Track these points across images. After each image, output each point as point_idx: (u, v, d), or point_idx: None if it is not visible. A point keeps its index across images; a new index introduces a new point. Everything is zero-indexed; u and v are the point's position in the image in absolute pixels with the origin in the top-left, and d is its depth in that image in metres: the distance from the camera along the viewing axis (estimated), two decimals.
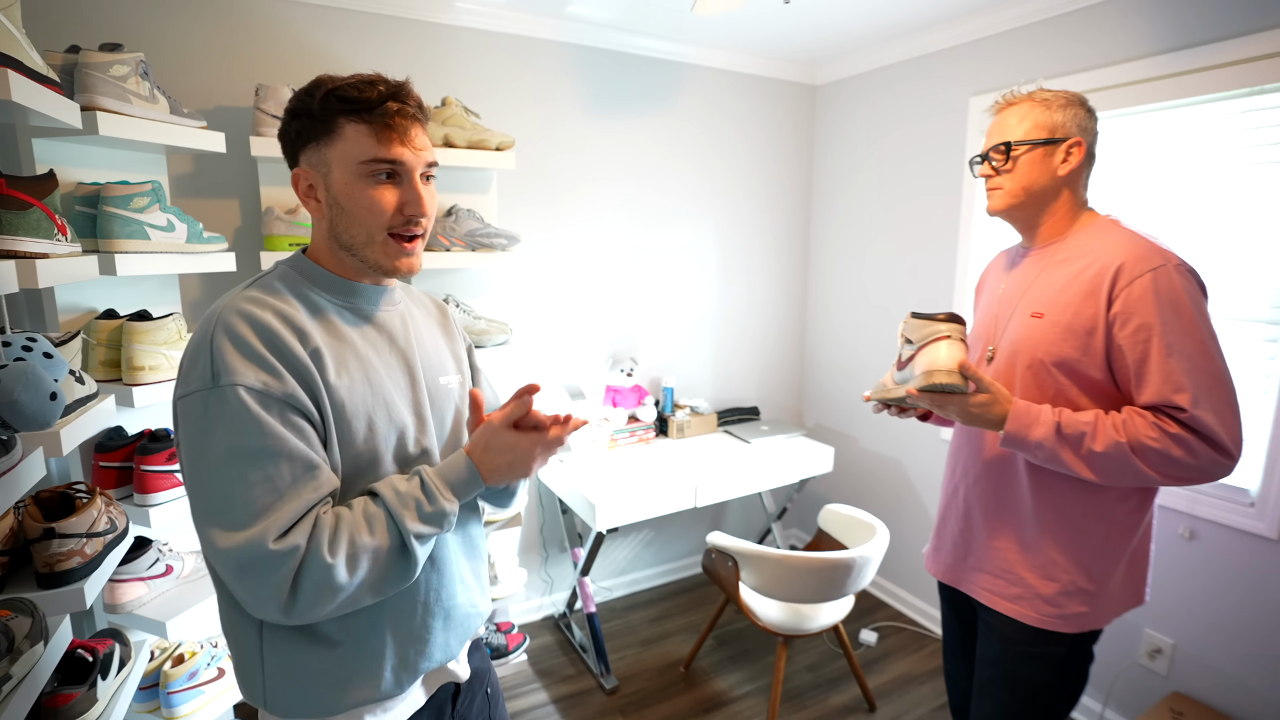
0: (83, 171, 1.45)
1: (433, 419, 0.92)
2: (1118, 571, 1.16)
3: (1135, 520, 1.15)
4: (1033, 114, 1.15)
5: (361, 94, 0.78)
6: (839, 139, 2.83)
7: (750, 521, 3.12)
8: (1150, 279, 1.03)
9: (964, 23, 2.20)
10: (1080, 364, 1.10)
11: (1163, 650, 1.88)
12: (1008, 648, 1.21)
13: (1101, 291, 1.07)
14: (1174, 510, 1.82)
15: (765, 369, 3.05)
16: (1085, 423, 1.05)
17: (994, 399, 1.08)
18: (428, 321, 1.01)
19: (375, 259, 0.83)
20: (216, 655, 1.66)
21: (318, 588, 0.72)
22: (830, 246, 2.94)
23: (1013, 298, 1.22)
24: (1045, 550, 1.16)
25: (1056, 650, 1.17)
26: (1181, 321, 1.02)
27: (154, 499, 1.48)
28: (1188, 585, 1.82)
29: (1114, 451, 1.03)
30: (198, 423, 0.73)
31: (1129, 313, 1.04)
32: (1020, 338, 1.17)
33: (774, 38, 2.44)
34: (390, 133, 0.79)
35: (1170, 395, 1.01)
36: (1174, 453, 1.01)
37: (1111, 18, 1.85)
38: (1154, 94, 1.77)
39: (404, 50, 2.06)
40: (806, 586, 1.85)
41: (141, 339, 1.41)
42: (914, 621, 2.63)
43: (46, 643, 1.01)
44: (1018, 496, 1.18)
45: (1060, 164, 1.14)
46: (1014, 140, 1.15)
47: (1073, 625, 1.15)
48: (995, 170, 1.18)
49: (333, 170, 0.80)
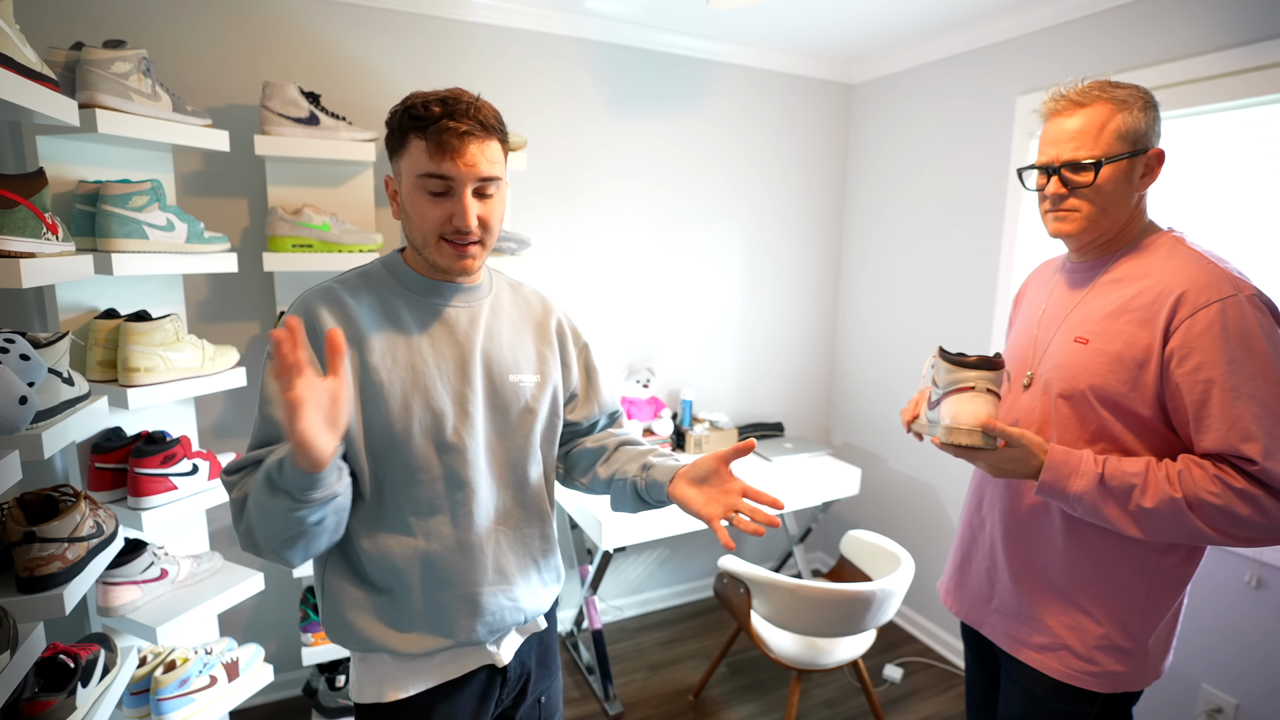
0: (88, 170, 1.48)
1: (492, 413, 1.00)
2: (1159, 629, 1.06)
3: (1182, 574, 1.05)
4: (1115, 120, 1.00)
5: (426, 111, 0.87)
6: (875, 141, 2.74)
7: (771, 543, 3.04)
8: (1217, 311, 0.92)
9: (1010, 16, 2.10)
10: (1127, 399, 1.00)
11: (1224, 710, 1.74)
12: (1032, 703, 1.12)
13: (1159, 321, 0.96)
14: (1239, 555, 1.69)
15: (791, 383, 2.97)
16: (1134, 474, 0.95)
17: (1027, 453, 0.99)
18: (519, 320, 1.08)
19: (434, 259, 0.94)
20: (209, 663, 1.66)
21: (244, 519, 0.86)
22: (865, 254, 2.85)
23: (1055, 319, 1.13)
24: (1078, 600, 1.07)
25: (1087, 710, 1.08)
26: (1254, 361, 0.91)
27: (147, 502, 1.49)
28: (1254, 638, 1.68)
29: (1167, 508, 0.93)
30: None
31: (1189, 348, 0.94)
32: (1061, 364, 1.07)
33: (806, 33, 2.38)
34: (443, 150, 0.86)
35: (1238, 445, 0.91)
36: (1239, 510, 0.91)
37: (1173, 9, 1.73)
38: (1220, 92, 1.65)
39: (418, 47, 2.06)
40: (821, 619, 1.77)
41: (137, 340, 1.42)
42: (943, 658, 2.51)
43: (14, 651, 1.01)
44: (1048, 538, 1.09)
45: (1140, 178, 1.02)
46: (1101, 155, 1.00)
47: (1107, 685, 1.05)
48: (1068, 189, 1.03)
49: (403, 180, 0.92)
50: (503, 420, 1.01)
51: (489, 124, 0.90)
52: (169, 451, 1.52)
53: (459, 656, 1.00)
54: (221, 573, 1.72)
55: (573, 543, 2.54)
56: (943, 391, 1.04)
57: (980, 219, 2.30)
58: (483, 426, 0.98)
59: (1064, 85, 1.06)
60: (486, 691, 1.04)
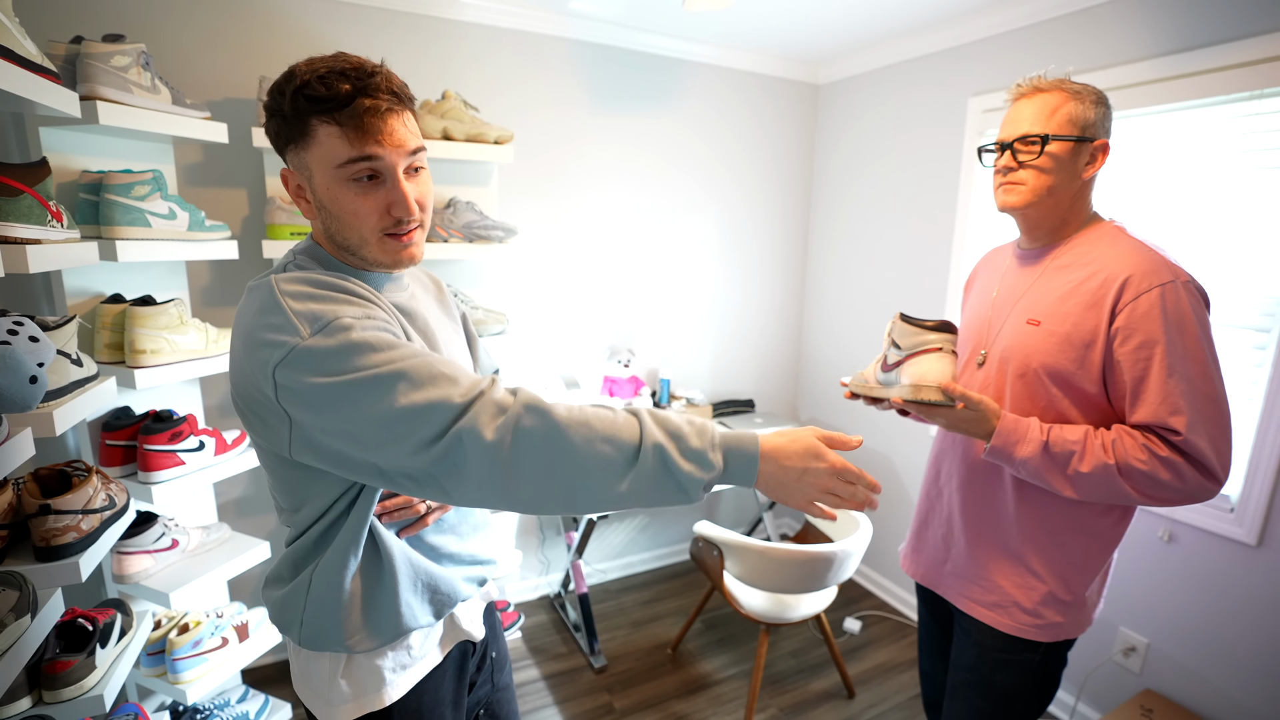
0: (90, 160, 1.44)
1: None
2: (1094, 582, 1.11)
3: (1115, 534, 1.10)
4: (1066, 107, 1.02)
5: (329, 91, 0.69)
6: (840, 138, 2.75)
7: (743, 510, 3.09)
8: (1159, 295, 0.96)
9: (965, 23, 2.11)
10: (1075, 376, 1.03)
11: (1136, 649, 1.83)
12: (984, 654, 1.17)
13: (1105, 304, 0.99)
14: (1153, 514, 1.76)
15: (761, 362, 3.00)
16: (1073, 442, 0.99)
17: (982, 415, 1.02)
18: (427, 299, 0.98)
19: (375, 258, 0.79)
20: (220, 625, 1.66)
21: (524, 438, 0.67)
22: (829, 243, 2.88)
23: (1007, 302, 1.15)
24: (1026, 560, 1.11)
25: (1031, 658, 1.13)
26: (1186, 342, 0.95)
27: (156, 477, 1.48)
28: (1164, 587, 1.76)
29: (1100, 473, 0.97)
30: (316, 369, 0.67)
31: (1132, 328, 0.97)
32: (1014, 344, 1.10)
33: (777, 36, 2.37)
34: (363, 132, 0.71)
35: (1166, 417, 0.95)
36: (1161, 476, 0.95)
37: (1113, 19, 1.76)
38: (1153, 97, 1.69)
39: (408, 44, 2.03)
40: (788, 578, 1.82)
41: (143, 323, 1.40)
42: (897, 611, 2.60)
43: (34, 615, 1.00)
44: (1002, 505, 1.13)
45: (1085, 166, 1.05)
46: (1050, 132, 1.02)
47: (1049, 634, 1.11)
48: (1019, 163, 1.05)
49: (314, 174, 0.74)
50: None
51: (403, 94, 0.75)
52: (176, 429, 1.50)
53: (439, 640, 0.93)
54: (230, 542, 1.71)
55: None
56: (906, 353, 1.04)
57: (934, 211, 2.34)
58: None
59: (1031, 76, 1.08)
60: (462, 666, 0.97)
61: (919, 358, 1.02)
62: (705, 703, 2.08)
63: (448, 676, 0.93)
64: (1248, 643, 1.61)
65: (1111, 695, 1.90)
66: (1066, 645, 1.14)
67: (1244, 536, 1.59)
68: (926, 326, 1.02)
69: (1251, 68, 1.51)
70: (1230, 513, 1.61)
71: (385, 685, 0.85)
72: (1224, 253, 1.62)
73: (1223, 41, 1.55)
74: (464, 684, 0.97)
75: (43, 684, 1.19)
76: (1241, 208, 1.59)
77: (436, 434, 0.66)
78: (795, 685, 2.16)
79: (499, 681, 1.08)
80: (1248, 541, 1.58)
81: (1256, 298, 1.57)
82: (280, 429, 0.73)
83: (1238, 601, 1.63)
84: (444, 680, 0.93)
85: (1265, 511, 1.56)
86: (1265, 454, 1.54)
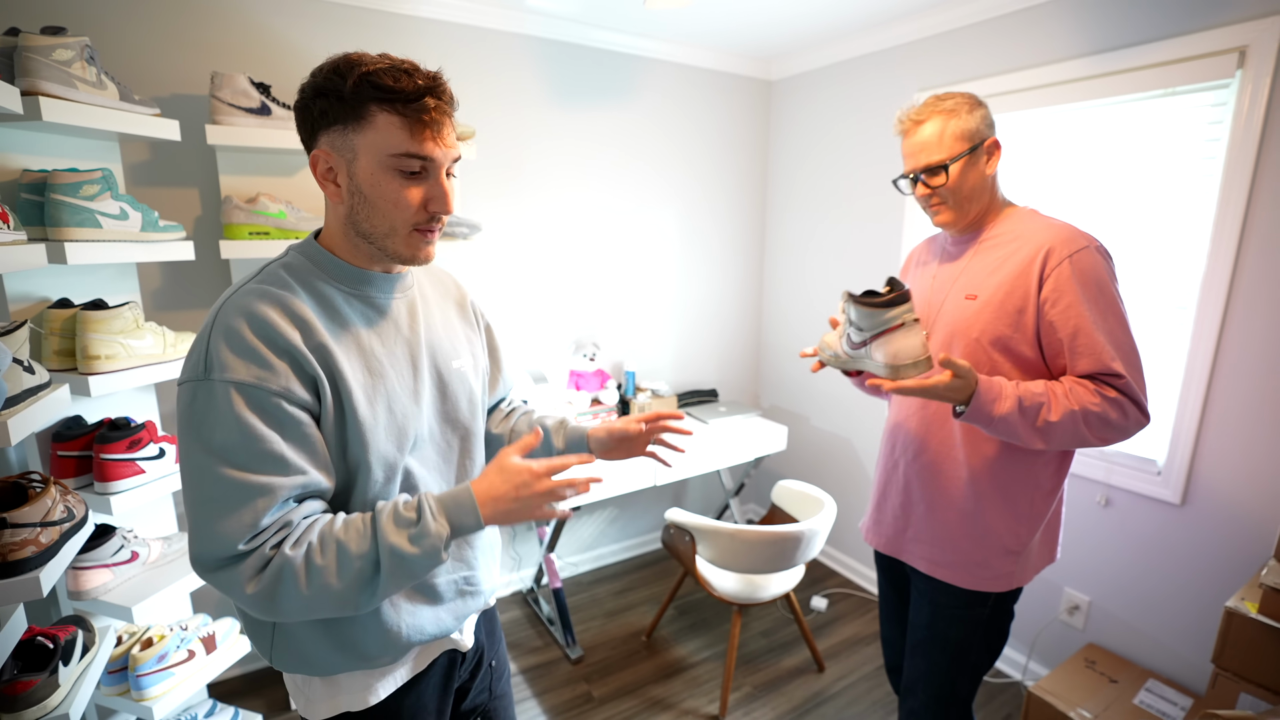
0: (29, 159, 1.37)
1: (441, 404, 0.89)
2: (1039, 532, 1.21)
3: (1056, 483, 1.20)
4: (948, 126, 1.14)
5: (399, 84, 0.72)
6: (792, 132, 2.83)
7: (710, 498, 3.16)
8: (1079, 258, 1.08)
9: (910, 21, 2.21)
10: (1013, 340, 1.13)
11: (1080, 607, 1.97)
12: (938, 611, 1.26)
13: (1033, 272, 1.10)
14: (1092, 480, 1.90)
15: (723, 353, 3.07)
16: (1039, 394, 1.07)
17: (965, 383, 1.04)
18: (443, 303, 0.97)
19: (395, 249, 0.80)
20: (186, 638, 1.62)
21: (281, 589, 0.70)
22: (784, 235, 2.96)
23: (946, 283, 1.25)
24: (982, 517, 1.19)
25: (982, 612, 1.22)
26: (1104, 298, 1.07)
27: (115, 487, 1.42)
28: (1103, 548, 1.90)
29: (1066, 420, 1.05)
30: (184, 412, 0.72)
31: (1060, 291, 1.07)
32: (956, 319, 1.19)
33: (730, 34, 2.43)
34: (425, 128, 0.74)
35: (1109, 363, 1.06)
36: (1111, 416, 1.05)
37: (1047, 20, 1.88)
38: (1083, 93, 1.81)
39: (363, 40, 1.99)
40: (758, 558, 1.88)
41: (97, 328, 1.35)
42: (861, 588, 2.71)
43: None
44: (955, 470, 1.21)
45: (986, 165, 1.17)
46: (945, 159, 1.14)
47: (1000, 584, 1.20)
48: (933, 189, 1.18)
49: (359, 158, 0.75)
50: (452, 410, 0.91)
51: (454, 102, 0.80)
52: (135, 436, 1.45)
53: (423, 650, 0.92)
54: None
55: None
56: (870, 334, 1.05)
57: (883, 203, 2.44)
58: (433, 421, 0.88)
59: (903, 109, 1.20)
60: (448, 675, 0.96)
61: (886, 337, 1.03)
62: (682, 685, 2.13)
63: (432, 684, 0.93)
64: (1176, 594, 1.76)
65: (1058, 651, 2.04)
66: (1013, 597, 1.24)
67: (1170, 497, 1.73)
68: (882, 304, 1.02)
69: (1167, 67, 1.64)
70: (1157, 475, 1.76)
71: (365, 689, 0.86)
72: (1146, 236, 1.76)
73: (1143, 43, 1.68)
74: (449, 692, 0.97)
75: (2, 707, 1.14)
76: (1161, 195, 1.72)
77: (214, 563, 0.71)
78: (767, 663, 2.23)
79: (497, 690, 1.08)
80: (1173, 501, 1.73)
81: (1175, 278, 1.71)
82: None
83: (1166, 557, 1.77)
84: (428, 687, 0.92)
85: (1187, 473, 1.70)
86: (1186, 421, 1.68)
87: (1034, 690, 1.78)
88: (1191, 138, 1.65)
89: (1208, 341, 1.63)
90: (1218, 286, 1.60)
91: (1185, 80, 1.61)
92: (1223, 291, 1.59)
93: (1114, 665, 1.85)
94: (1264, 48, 1.48)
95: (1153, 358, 1.76)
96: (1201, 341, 1.64)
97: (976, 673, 1.27)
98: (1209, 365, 1.63)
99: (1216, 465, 1.65)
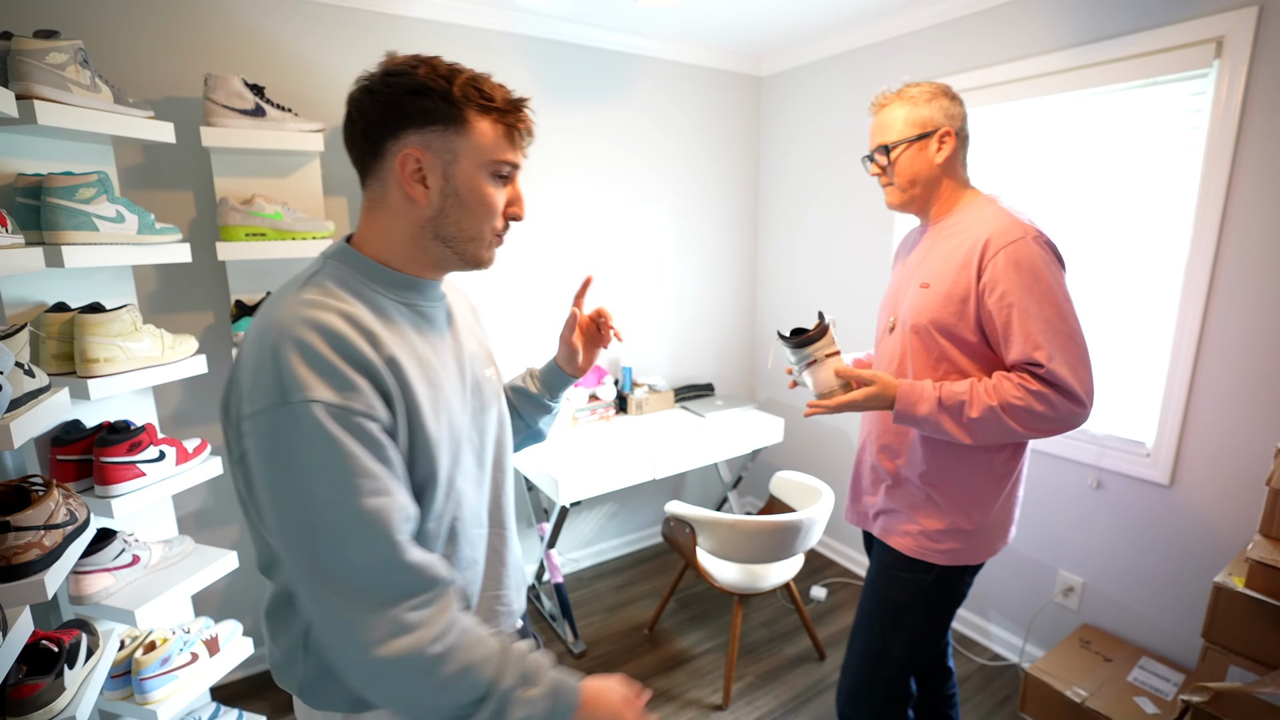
0: (23, 162, 1.37)
1: (475, 414, 0.85)
2: (992, 514, 1.24)
3: (1009, 469, 1.23)
4: (902, 112, 1.20)
5: (496, 93, 0.76)
6: (783, 127, 2.85)
7: (708, 491, 3.18)
8: (1012, 250, 1.11)
9: (897, 16, 2.24)
10: (957, 328, 1.17)
11: (1074, 588, 2.00)
12: (883, 571, 1.32)
13: (973, 263, 1.14)
14: (1083, 463, 1.93)
15: (719, 347, 3.09)
16: (961, 393, 1.12)
17: (880, 390, 1.16)
18: (463, 309, 0.95)
19: (475, 254, 0.79)
20: (189, 640, 1.61)
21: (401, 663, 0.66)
22: (777, 229, 2.98)
23: (910, 273, 1.29)
24: (935, 498, 1.24)
25: (924, 578, 1.27)
26: (1039, 287, 1.09)
27: (115, 490, 1.42)
28: (1095, 530, 1.94)
29: (989, 415, 1.10)
30: (268, 449, 0.65)
31: (995, 281, 1.11)
32: (912, 307, 1.24)
33: (720, 30, 2.44)
34: (518, 138, 0.78)
35: (1030, 353, 1.09)
36: (1036, 408, 1.08)
37: (1032, 13, 1.91)
38: (1065, 84, 1.84)
39: (355, 40, 1.99)
40: (759, 548, 1.90)
41: (95, 331, 1.34)
42: (859, 577, 2.73)
43: (5, 634, 0.96)
44: (912, 454, 1.27)
45: (936, 153, 1.21)
46: (890, 141, 1.21)
47: (946, 559, 1.24)
48: (882, 170, 1.25)
49: (459, 161, 0.73)
50: (486, 420, 0.87)
51: None
52: (135, 439, 1.45)
53: None
54: (194, 555, 1.66)
55: (529, 504, 2.58)
56: (802, 367, 1.21)
57: (875, 195, 2.46)
58: (472, 431, 0.84)
59: (876, 94, 1.26)
60: None
61: (811, 368, 1.19)
62: (685, 677, 2.14)
63: None
64: (1166, 572, 1.80)
65: (1054, 632, 2.08)
66: (961, 572, 1.27)
67: (1159, 478, 1.77)
68: (800, 343, 1.18)
69: (1147, 58, 1.67)
70: (1147, 457, 1.79)
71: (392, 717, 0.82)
72: (1131, 223, 1.79)
73: (1124, 34, 1.71)
74: None
75: (9, 711, 1.14)
76: (1145, 182, 1.75)
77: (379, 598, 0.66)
78: (769, 653, 2.25)
79: None
80: (1162, 482, 1.76)
81: (1160, 264, 1.75)
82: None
83: (1156, 537, 1.81)
84: None
85: (1174, 454, 1.73)
86: (1173, 404, 1.72)
87: (1031, 671, 1.81)
88: (1173, 126, 1.69)
89: (1192, 325, 1.66)
90: (1201, 271, 1.64)
91: (1165, 71, 1.65)
92: (1205, 276, 1.63)
93: (1108, 644, 1.88)
94: (1240, 38, 1.52)
95: (1139, 343, 1.80)
96: (1186, 325, 1.68)
97: (913, 637, 1.31)
98: (1194, 349, 1.67)
99: (1203, 446, 1.69)
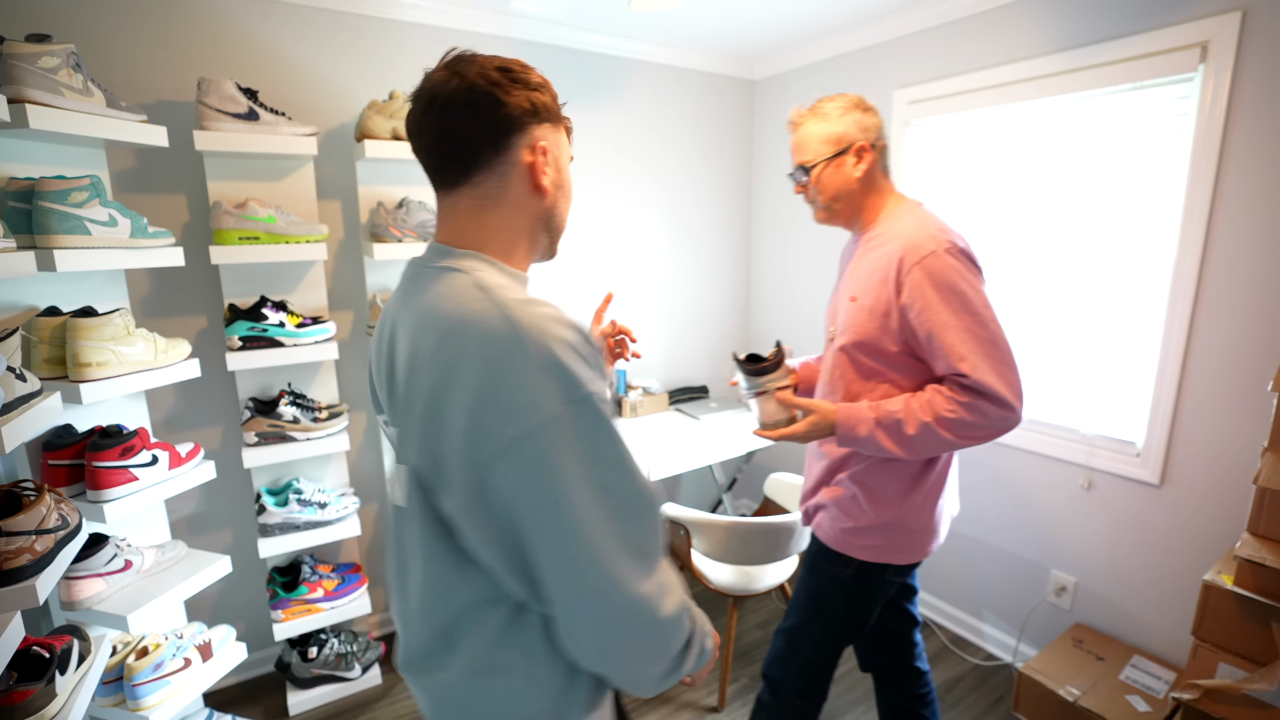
0: (15, 166, 1.37)
1: None
2: (910, 516, 1.25)
3: (925, 473, 1.24)
4: (818, 129, 1.21)
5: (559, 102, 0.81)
6: (776, 130, 2.87)
7: (703, 493, 3.18)
8: (925, 265, 1.10)
9: (888, 20, 2.26)
10: (880, 342, 1.18)
11: (1067, 588, 2.02)
12: (811, 559, 1.36)
13: (891, 279, 1.14)
14: (1074, 464, 1.95)
15: (713, 350, 3.10)
16: (896, 411, 1.13)
17: (819, 418, 1.19)
18: None
19: (558, 245, 0.84)
20: (182, 646, 1.60)
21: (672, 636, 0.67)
22: (770, 233, 3.00)
23: (844, 283, 1.30)
24: (860, 498, 1.26)
25: (843, 571, 1.30)
26: (958, 299, 1.09)
27: (108, 495, 1.41)
28: (1087, 529, 1.95)
29: (924, 430, 1.11)
30: (573, 445, 0.61)
31: (913, 298, 1.12)
32: (843, 320, 1.24)
33: (713, 34, 2.46)
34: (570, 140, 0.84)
35: (955, 364, 1.09)
36: (968, 418, 1.09)
37: (1020, 18, 1.93)
38: (1055, 88, 1.86)
39: (349, 45, 1.99)
40: (753, 549, 1.90)
41: (87, 335, 1.34)
42: None
43: None
44: (839, 455, 1.29)
45: (854, 168, 1.21)
46: (808, 161, 1.22)
47: (864, 555, 1.26)
48: (804, 188, 1.25)
49: (563, 155, 0.79)
50: None
51: None
52: (128, 444, 1.44)
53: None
54: (187, 559, 1.65)
55: None
56: (750, 394, 1.23)
57: None
58: None
59: (792, 111, 1.27)
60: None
61: (760, 397, 1.22)
62: None
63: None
64: (1157, 571, 1.81)
65: (1047, 632, 2.09)
66: (884, 569, 1.28)
67: (1149, 477, 1.78)
68: (756, 371, 1.22)
69: (1133, 62, 1.69)
70: (1137, 457, 1.81)
71: None
72: (1119, 226, 1.81)
73: (1110, 39, 1.74)
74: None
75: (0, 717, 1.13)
76: (1132, 185, 1.77)
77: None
78: (764, 654, 2.25)
79: None
80: (1152, 481, 1.78)
81: (1148, 265, 1.77)
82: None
83: (1146, 536, 1.82)
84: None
85: (1164, 454, 1.75)
86: (1162, 404, 1.73)
87: (1024, 670, 1.82)
88: (1159, 130, 1.71)
89: (1180, 326, 1.68)
90: (1188, 272, 1.66)
91: (1151, 75, 1.67)
92: (1193, 277, 1.65)
93: (1101, 643, 1.89)
94: (1224, 42, 1.54)
95: (1128, 344, 1.81)
96: (1175, 326, 1.69)
97: (833, 622, 1.34)
98: (1182, 349, 1.69)
99: (1192, 445, 1.71)
